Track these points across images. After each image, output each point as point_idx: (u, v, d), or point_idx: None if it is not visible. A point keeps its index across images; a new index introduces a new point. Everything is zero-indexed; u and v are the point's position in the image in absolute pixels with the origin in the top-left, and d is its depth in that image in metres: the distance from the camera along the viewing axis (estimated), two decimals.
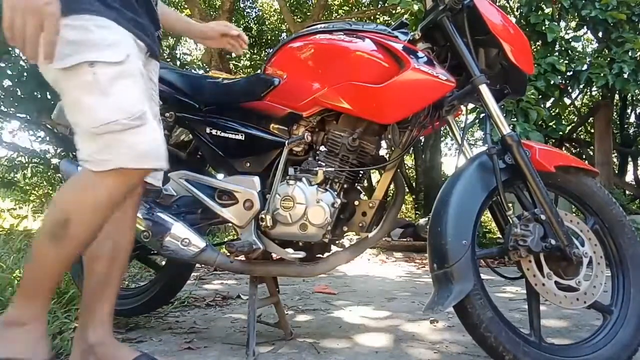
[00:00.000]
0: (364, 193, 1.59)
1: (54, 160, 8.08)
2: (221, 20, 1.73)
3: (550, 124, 5.69)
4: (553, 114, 5.85)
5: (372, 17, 9.05)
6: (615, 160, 9.81)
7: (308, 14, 9.55)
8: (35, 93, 5.52)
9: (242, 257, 1.47)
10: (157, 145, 1.08)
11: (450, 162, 16.17)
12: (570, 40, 5.85)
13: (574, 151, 9.59)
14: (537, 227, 1.24)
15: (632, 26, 5.36)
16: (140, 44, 1.14)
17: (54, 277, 1.10)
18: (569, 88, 5.63)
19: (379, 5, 9.05)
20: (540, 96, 5.01)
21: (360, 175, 1.53)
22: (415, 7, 4.66)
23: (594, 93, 9.31)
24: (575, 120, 10.01)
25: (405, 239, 5.42)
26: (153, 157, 1.07)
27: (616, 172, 9.47)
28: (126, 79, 1.05)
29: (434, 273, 1.22)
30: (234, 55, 10.62)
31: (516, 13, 6.72)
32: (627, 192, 9.83)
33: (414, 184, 11.78)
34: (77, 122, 1.05)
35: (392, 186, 1.53)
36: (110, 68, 1.03)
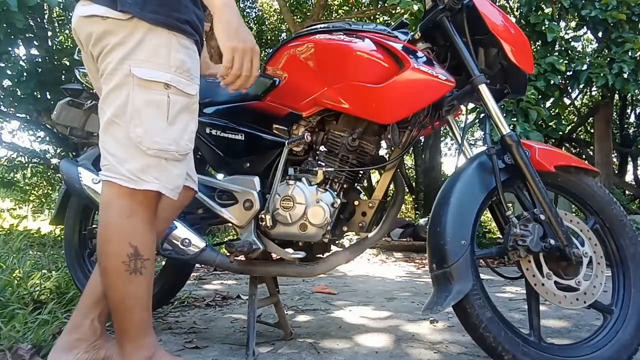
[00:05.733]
0: (363, 193, 1.59)
1: (54, 160, 8.09)
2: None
3: (550, 124, 5.70)
4: (553, 114, 5.85)
5: (372, 17, 9.06)
6: (615, 160, 9.82)
7: (308, 14, 9.55)
8: (35, 93, 5.52)
9: (242, 257, 1.47)
10: (184, 180, 1.15)
11: (450, 162, 16.21)
12: (570, 40, 5.86)
13: (573, 151, 9.61)
14: (536, 227, 1.24)
15: (632, 26, 5.37)
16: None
17: (150, 302, 1.12)
18: (569, 88, 5.63)
19: (379, 5, 9.05)
20: (540, 96, 5.02)
21: (360, 175, 1.53)
22: (415, 7, 4.67)
23: (594, 93, 9.31)
24: (575, 120, 10.02)
25: (405, 239, 5.43)
26: (179, 190, 1.13)
27: (616, 172, 9.48)
28: (190, 114, 1.11)
29: (433, 273, 1.22)
30: None
31: (516, 13, 6.73)
32: (627, 192, 9.83)
33: (414, 184, 11.79)
34: (128, 130, 1.04)
35: (392, 186, 1.53)
36: (183, 98, 1.08)
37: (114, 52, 1.04)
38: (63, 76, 5.59)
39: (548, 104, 5.64)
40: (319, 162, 1.44)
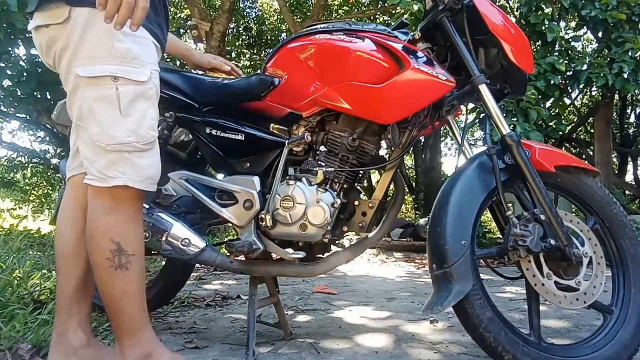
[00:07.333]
0: (363, 193, 1.59)
1: (54, 160, 8.10)
2: (218, 57, 1.77)
3: (550, 124, 5.70)
4: (553, 114, 5.86)
5: (372, 17, 9.06)
6: (615, 160, 9.82)
7: (308, 14, 9.55)
8: (35, 93, 5.52)
9: (242, 257, 1.47)
10: (158, 170, 1.12)
11: (450, 162, 16.22)
12: (570, 40, 5.87)
13: (573, 151, 9.61)
14: (536, 227, 1.24)
15: (632, 26, 5.37)
16: (158, 46, 1.14)
17: (143, 298, 1.12)
18: (569, 88, 5.64)
19: (379, 5, 9.05)
20: (540, 96, 5.02)
21: (360, 175, 1.53)
22: (415, 7, 4.67)
23: (594, 93, 9.31)
24: (575, 120, 10.03)
25: (405, 239, 5.43)
26: (154, 181, 1.11)
27: (616, 172, 9.48)
28: (146, 101, 1.07)
29: (434, 273, 1.22)
30: (233, 55, 10.63)
31: (516, 13, 6.73)
32: (627, 192, 9.83)
33: (414, 184, 11.79)
34: (89, 131, 1.04)
35: (392, 186, 1.53)
36: (134, 86, 1.04)
37: (62, 58, 1.05)
38: None
39: (548, 104, 5.64)
40: (319, 162, 1.44)
